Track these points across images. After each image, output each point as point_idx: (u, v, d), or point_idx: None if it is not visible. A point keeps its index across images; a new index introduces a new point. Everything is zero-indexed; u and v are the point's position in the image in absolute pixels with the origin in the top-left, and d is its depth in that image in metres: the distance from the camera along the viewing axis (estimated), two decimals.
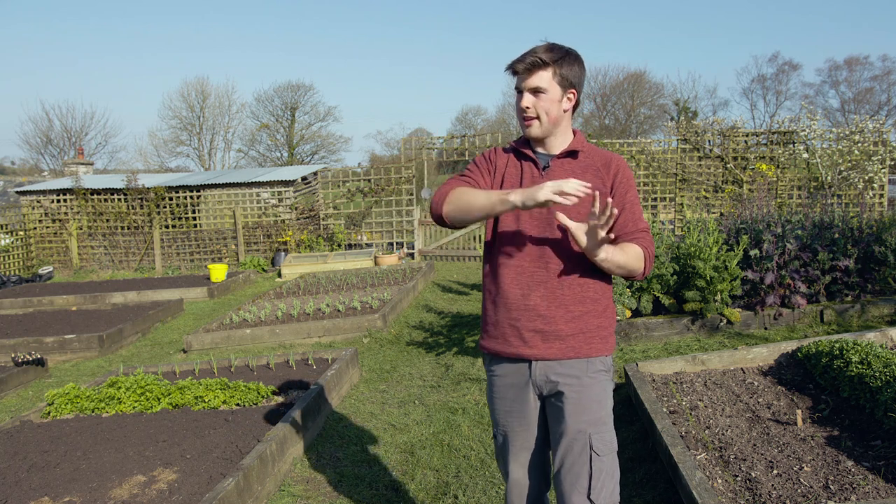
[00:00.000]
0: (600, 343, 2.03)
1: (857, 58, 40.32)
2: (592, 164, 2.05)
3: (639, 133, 40.55)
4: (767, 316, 5.51)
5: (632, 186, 2.06)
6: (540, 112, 2.00)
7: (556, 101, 2.00)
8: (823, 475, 2.82)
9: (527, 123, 2.03)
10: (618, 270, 1.97)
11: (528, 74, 1.98)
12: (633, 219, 2.03)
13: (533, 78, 1.98)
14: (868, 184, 11.97)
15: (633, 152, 13.12)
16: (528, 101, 2.00)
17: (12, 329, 8.05)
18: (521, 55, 1.99)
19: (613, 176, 2.04)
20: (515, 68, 1.99)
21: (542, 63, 1.96)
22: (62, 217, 14.43)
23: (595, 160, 2.06)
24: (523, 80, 1.99)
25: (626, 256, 1.95)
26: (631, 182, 2.06)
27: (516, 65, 1.99)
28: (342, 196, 14.07)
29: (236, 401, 4.46)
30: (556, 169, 2.05)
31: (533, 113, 2.00)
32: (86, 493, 3.27)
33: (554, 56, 1.97)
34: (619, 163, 2.07)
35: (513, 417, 2.12)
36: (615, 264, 1.94)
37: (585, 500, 1.94)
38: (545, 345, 2.00)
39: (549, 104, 1.99)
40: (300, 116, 42.62)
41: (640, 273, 2.01)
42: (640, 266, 1.99)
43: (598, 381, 2.02)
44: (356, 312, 7.41)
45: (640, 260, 1.99)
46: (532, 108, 2.00)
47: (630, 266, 1.96)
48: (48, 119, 40.07)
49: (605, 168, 2.05)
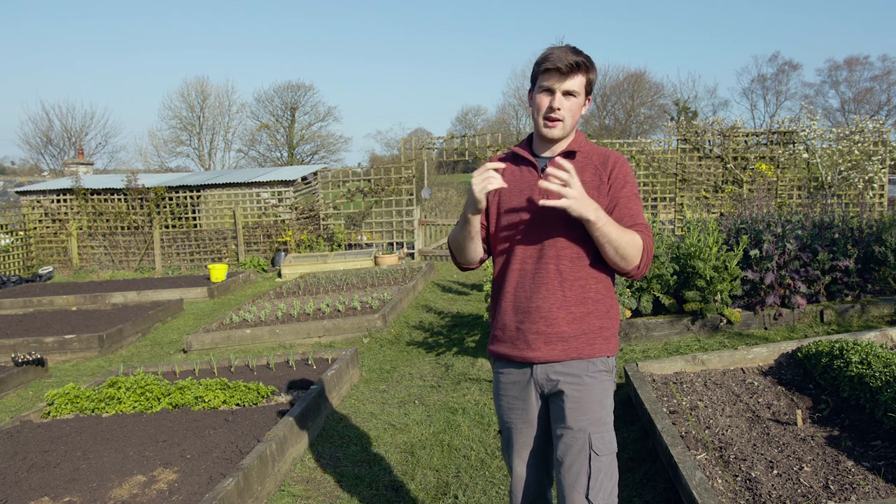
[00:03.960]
0: (602, 343, 2.03)
1: (857, 58, 40.39)
2: (591, 163, 2.05)
3: (639, 133, 40.56)
4: (767, 316, 5.51)
5: (629, 182, 2.02)
6: (566, 115, 1.99)
7: (581, 106, 2.01)
8: (823, 475, 2.82)
9: (551, 124, 2.00)
10: (611, 250, 1.91)
11: (566, 77, 1.95)
12: (630, 214, 1.99)
13: (571, 81, 1.96)
14: (868, 184, 11.97)
15: (633, 152, 13.12)
16: (559, 103, 1.97)
17: (12, 329, 8.05)
18: (560, 54, 1.94)
19: (610, 171, 2.02)
20: (559, 67, 1.93)
21: (582, 67, 1.96)
22: (62, 217, 14.43)
23: (593, 158, 2.06)
24: (561, 82, 1.95)
25: (621, 235, 1.90)
26: (628, 178, 2.02)
27: (559, 63, 1.93)
28: (342, 196, 14.06)
29: (236, 401, 4.46)
30: None
31: (561, 115, 1.98)
32: (86, 493, 3.26)
33: (588, 62, 1.98)
34: (616, 159, 2.05)
35: (515, 414, 2.14)
36: (609, 238, 1.89)
37: (584, 499, 1.95)
38: (547, 346, 2.01)
39: (575, 108, 2.00)
40: (300, 116, 42.68)
41: (635, 264, 1.95)
42: (635, 255, 1.93)
43: (599, 381, 2.02)
44: (356, 312, 7.41)
45: (637, 248, 1.93)
46: (562, 111, 1.98)
47: (624, 248, 1.91)
48: (48, 119, 40.12)
49: (603, 165, 2.04)
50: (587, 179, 2.00)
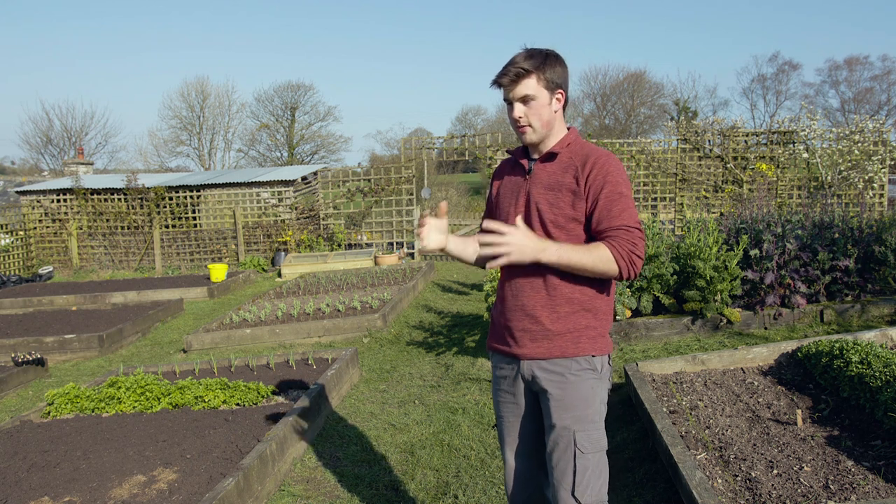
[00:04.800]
0: (588, 343, 2.02)
1: (857, 58, 40.35)
2: (572, 164, 2.02)
3: (639, 133, 40.56)
4: (767, 316, 5.51)
5: (610, 181, 1.95)
6: (532, 119, 2.02)
7: (546, 105, 2.02)
8: (823, 475, 2.82)
9: (521, 131, 2.05)
10: (581, 271, 1.93)
11: (513, 85, 1.99)
12: (609, 215, 1.93)
13: (519, 87, 1.99)
14: (868, 184, 11.97)
15: (633, 152, 13.12)
16: (519, 111, 2.01)
17: (12, 329, 8.05)
18: (503, 68, 2.01)
19: (588, 173, 1.97)
20: (500, 82, 2.01)
21: (525, 72, 1.98)
22: (62, 217, 14.43)
23: (575, 159, 2.02)
24: (510, 92, 2.01)
25: (587, 258, 1.89)
26: (608, 177, 1.95)
27: (501, 79, 2.01)
28: (342, 196, 14.07)
29: (236, 401, 4.46)
30: (538, 172, 2.07)
31: (525, 122, 2.02)
32: (86, 493, 3.27)
33: (535, 62, 1.98)
34: (595, 159, 1.98)
35: (506, 408, 2.20)
36: (574, 267, 1.91)
37: (570, 497, 1.97)
38: (533, 344, 2.05)
39: (539, 109, 2.01)
40: (300, 116, 42.68)
41: (615, 273, 1.92)
42: (609, 269, 1.90)
43: (583, 379, 2.01)
44: (356, 312, 7.41)
45: (607, 262, 1.89)
46: (524, 117, 2.02)
47: (595, 268, 1.90)
48: (48, 119, 40.11)
49: (582, 166, 2.00)
50: (566, 182, 2.00)
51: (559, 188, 2.00)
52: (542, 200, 2.01)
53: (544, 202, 2.01)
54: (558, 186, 2.00)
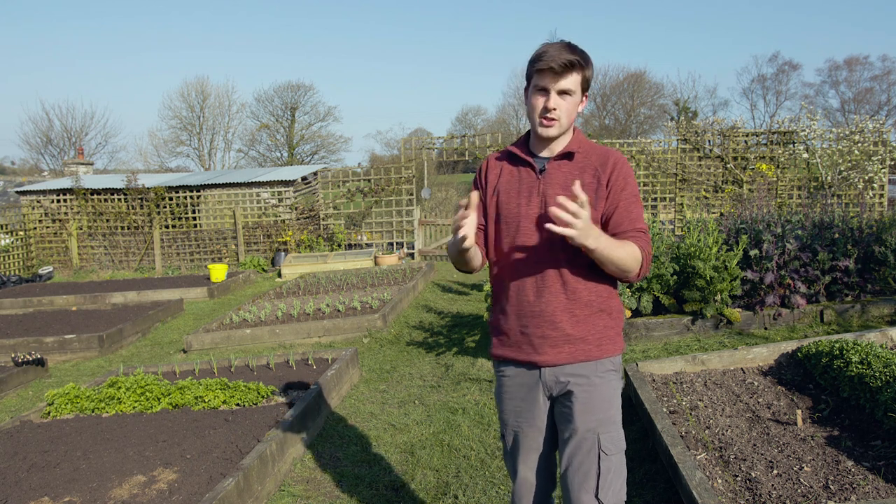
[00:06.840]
0: (609, 344, 2.02)
1: (857, 58, 40.37)
2: (590, 164, 2.01)
3: (639, 133, 40.55)
4: (767, 316, 5.51)
5: (629, 184, 1.98)
6: (562, 114, 1.95)
7: (577, 104, 1.98)
8: (823, 475, 2.82)
9: (547, 124, 1.96)
10: (611, 266, 1.90)
11: (560, 76, 1.91)
12: (630, 217, 1.96)
13: (566, 80, 1.92)
14: (868, 184, 11.97)
15: (633, 152, 13.12)
16: (555, 102, 1.93)
17: (12, 329, 8.05)
18: (554, 54, 1.90)
19: (609, 173, 1.98)
20: (552, 67, 1.89)
21: (577, 65, 1.91)
22: (62, 217, 14.43)
23: (592, 159, 2.01)
24: (555, 81, 1.91)
25: (622, 252, 1.88)
26: (628, 180, 1.98)
27: (552, 63, 1.88)
28: (342, 196, 14.07)
29: (236, 401, 4.46)
30: (552, 172, 2.01)
31: (557, 115, 1.94)
32: (86, 493, 3.26)
33: (583, 59, 1.93)
34: (615, 159, 2.00)
35: (522, 418, 2.11)
36: (608, 258, 1.86)
37: (593, 499, 1.94)
38: (554, 350, 2.00)
39: (571, 107, 1.96)
40: (300, 116, 42.67)
41: (634, 274, 1.94)
42: (634, 267, 1.92)
43: (607, 380, 2.01)
44: (356, 312, 7.41)
45: (636, 261, 1.92)
46: (558, 110, 1.94)
47: (624, 264, 1.89)
48: (48, 119, 40.08)
49: (602, 166, 1.99)
50: (586, 181, 1.97)
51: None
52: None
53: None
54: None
